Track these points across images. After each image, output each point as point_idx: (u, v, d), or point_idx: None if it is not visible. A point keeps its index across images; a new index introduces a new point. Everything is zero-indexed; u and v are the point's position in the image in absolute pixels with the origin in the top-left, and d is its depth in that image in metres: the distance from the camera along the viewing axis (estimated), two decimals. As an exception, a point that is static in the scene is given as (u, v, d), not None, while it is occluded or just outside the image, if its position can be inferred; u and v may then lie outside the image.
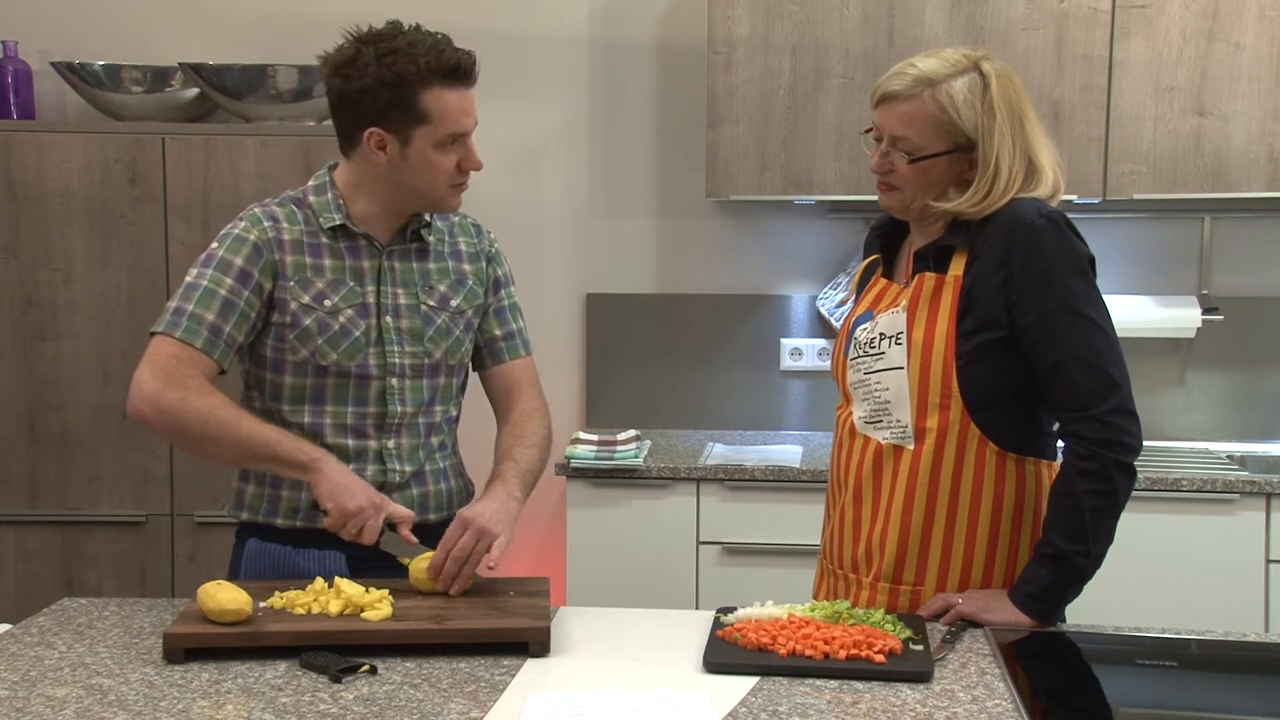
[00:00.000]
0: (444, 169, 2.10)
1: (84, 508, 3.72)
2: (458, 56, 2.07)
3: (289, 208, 2.17)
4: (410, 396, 2.18)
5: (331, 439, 2.15)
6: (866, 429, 2.09)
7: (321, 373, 2.14)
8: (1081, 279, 1.96)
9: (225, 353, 2.09)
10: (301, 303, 2.12)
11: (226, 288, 2.08)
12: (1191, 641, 1.99)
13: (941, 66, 2.00)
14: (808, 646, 1.78)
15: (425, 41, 2.06)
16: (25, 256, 3.67)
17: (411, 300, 2.18)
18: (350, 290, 2.15)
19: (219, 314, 2.07)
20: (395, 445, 2.18)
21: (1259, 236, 3.86)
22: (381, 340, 2.16)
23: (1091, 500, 1.93)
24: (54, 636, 1.94)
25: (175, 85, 3.85)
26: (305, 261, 2.14)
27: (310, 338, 2.12)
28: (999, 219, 1.98)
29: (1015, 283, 1.96)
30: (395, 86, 2.03)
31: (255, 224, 2.13)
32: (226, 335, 2.08)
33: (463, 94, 2.08)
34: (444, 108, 2.06)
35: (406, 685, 1.72)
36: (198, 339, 2.06)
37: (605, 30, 4.01)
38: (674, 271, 4.06)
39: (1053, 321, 1.94)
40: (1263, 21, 3.47)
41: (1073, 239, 1.98)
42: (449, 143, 2.09)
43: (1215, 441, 3.84)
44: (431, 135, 2.07)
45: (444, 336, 2.20)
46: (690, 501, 3.49)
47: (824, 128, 3.61)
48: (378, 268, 2.17)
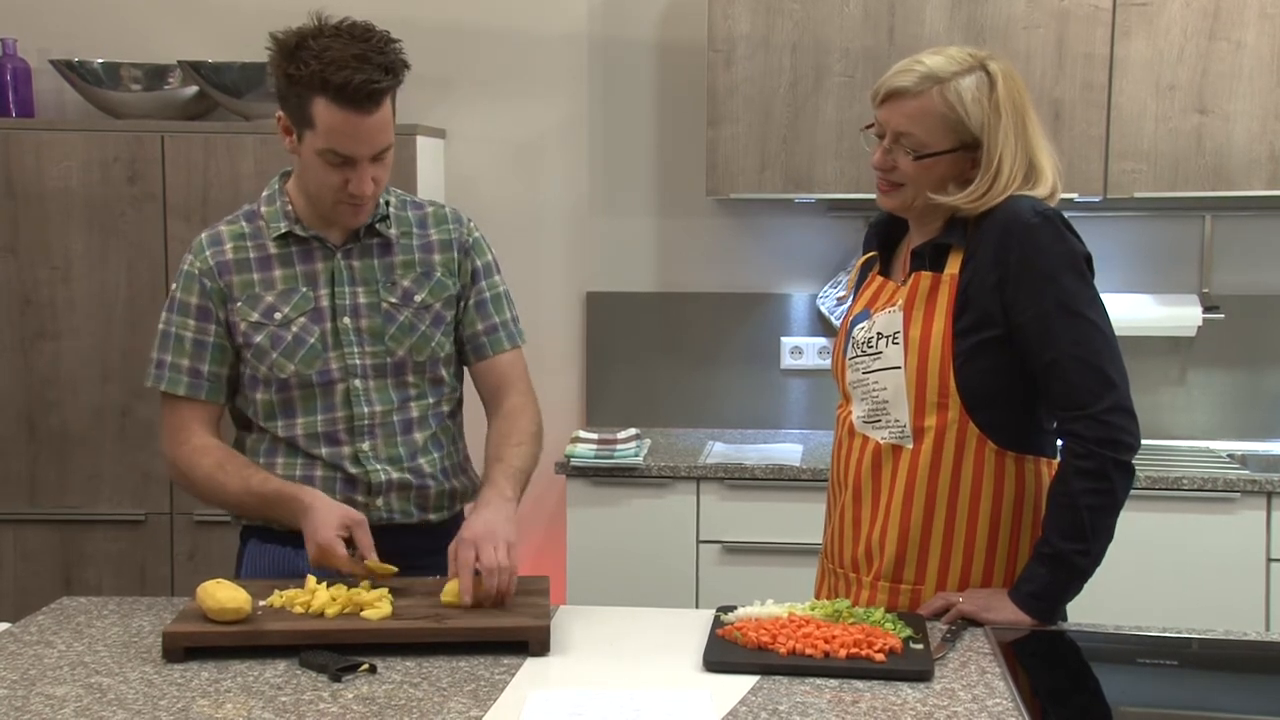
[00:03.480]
0: (327, 181, 2.06)
1: (83, 506, 3.71)
2: (350, 79, 1.96)
3: (239, 224, 2.18)
4: (377, 396, 2.16)
5: (306, 449, 2.15)
6: (865, 428, 2.09)
7: (284, 386, 2.14)
8: (1077, 277, 1.96)
9: (212, 390, 2.15)
10: (250, 321, 2.13)
11: (191, 329, 2.14)
12: (1192, 640, 1.98)
13: (949, 64, 2.00)
14: (808, 645, 1.77)
15: (334, 50, 1.97)
16: (24, 255, 3.67)
17: (372, 298, 2.16)
18: (303, 297, 2.14)
19: (192, 356, 2.14)
20: (370, 447, 2.16)
21: (1260, 235, 3.85)
22: (340, 343, 2.14)
23: (1090, 499, 1.92)
24: (53, 635, 1.94)
25: (174, 83, 3.84)
26: (253, 278, 2.14)
27: (264, 354, 2.12)
28: (995, 217, 1.98)
29: (1011, 281, 1.95)
30: (292, 82, 2.01)
31: (199, 254, 2.16)
32: (207, 374, 2.14)
33: (350, 117, 1.98)
34: (328, 123, 2.00)
35: (406, 684, 1.72)
36: (180, 386, 2.14)
37: (605, 28, 4.01)
38: (674, 270, 4.06)
39: (1049, 320, 1.94)
40: (1264, 20, 3.46)
41: (1069, 237, 1.97)
42: (334, 159, 2.03)
43: (1216, 440, 3.83)
44: (314, 143, 2.03)
45: (407, 334, 2.17)
46: (690, 500, 3.49)
47: (824, 126, 3.60)
48: (331, 269, 2.15)
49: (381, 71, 1.99)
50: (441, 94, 3.99)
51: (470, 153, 4.06)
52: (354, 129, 2.00)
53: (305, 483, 2.11)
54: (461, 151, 4.06)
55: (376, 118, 2.01)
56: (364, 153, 2.03)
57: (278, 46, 2.03)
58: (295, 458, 2.16)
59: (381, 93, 2.01)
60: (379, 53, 2.00)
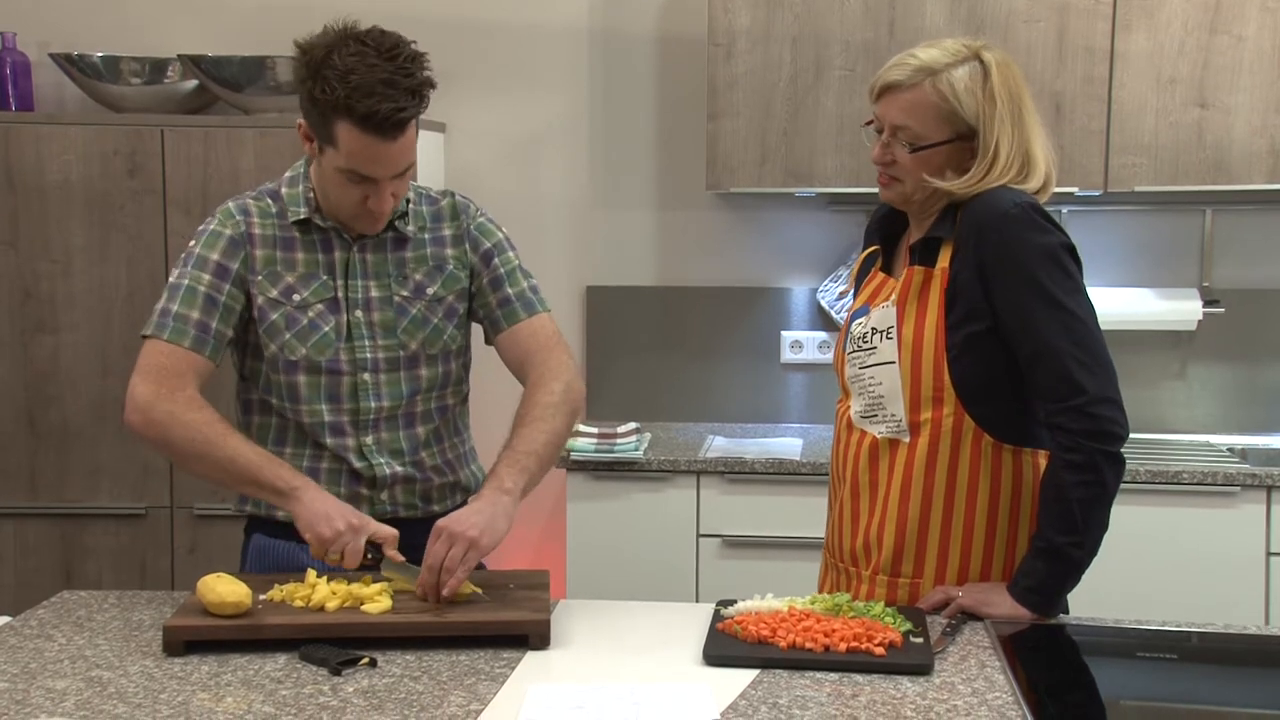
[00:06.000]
0: (348, 196, 2.05)
1: (83, 500, 3.71)
2: (377, 108, 1.92)
3: (264, 201, 2.16)
4: (386, 390, 2.15)
5: (314, 437, 2.14)
6: (863, 423, 2.09)
7: (292, 369, 2.12)
8: (1056, 267, 1.94)
9: (215, 349, 2.09)
10: (268, 297, 2.11)
11: (206, 283, 2.09)
12: (1192, 634, 1.98)
13: (942, 56, 2.00)
14: (808, 639, 1.78)
15: (359, 72, 1.93)
16: (24, 249, 3.67)
17: (384, 292, 2.15)
18: (322, 284, 2.13)
19: (203, 310, 2.08)
20: (374, 441, 2.15)
21: (1260, 229, 3.85)
22: (351, 336, 2.13)
23: (1079, 492, 1.92)
24: (53, 629, 1.94)
25: (174, 77, 3.84)
26: (276, 255, 2.12)
27: (278, 332, 2.11)
28: (972, 208, 1.98)
29: (990, 273, 1.95)
30: (315, 102, 1.98)
31: (228, 218, 2.13)
32: (214, 331, 2.09)
33: (374, 142, 1.96)
34: (351, 146, 1.98)
35: (406, 678, 1.72)
36: (185, 338, 2.07)
37: (605, 21, 4.00)
38: (674, 264, 4.06)
39: (1029, 312, 1.93)
40: (1265, 13, 3.46)
41: (1046, 227, 1.96)
42: (354, 178, 2.02)
43: (1216, 434, 3.83)
44: (335, 161, 2.02)
45: (419, 327, 2.16)
46: (690, 494, 3.49)
47: (824, 120, 3.60)
48: (346, 260, 2.15)
49: (408, 96, 1.96)
50: (441, 88, 3.87)
51: (470, 146, 4.06)
52: (377, 154, 1.98)
53: (310, 474, 2.09)
54: (461, 145, 4.05)
55: (401, 143, 1.99)
56: (385, 174, 2.01)
57: (303, 60, 1.99)
58: (303, 447, 2.16)
59: (407, 120, 1.98)
60: (406, 75, 1.96)
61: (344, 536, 1.95)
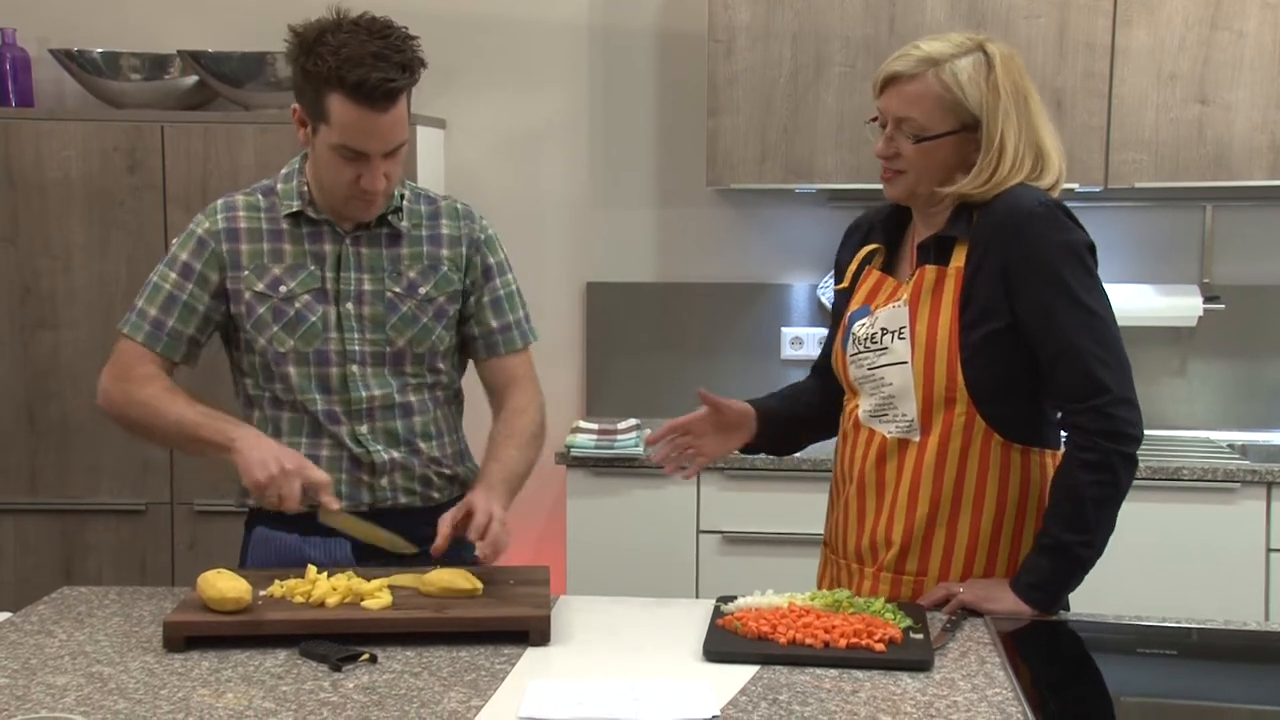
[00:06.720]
0: (340, 176, 2.07)
1: (84, 496, 3.71)
2: (366, 77, 1.96)
3: (255, 196, 2.20)
4: (375, 382, 2.17)
5: (309, 423, 2.16)
6: (871, 422, 2.08)
7: (281, 360, 2.14)
8: (1080, 267, 1.95)
9: (171, 346, 2.15)
10: (255, 290, 2.14)
11: (171, 282, 2.15)
12: (1192, 630, 1.98)
13: (946, 47, 1.99)
14: (808, 635, 1.77)
15: (350, 46, 1.97)
16: (24, 245, 3.67)
17: (377, 286, 2.16)
18: (309, 275, 2.15)
19: (162, 309, 2.15)
20: (369, 430, 2.17)
21: (1260, 225, 3.85)
22: (340, 326, 2.15)
23: (1093, 491, 1.92)
24: (54, 625, 1.94)
25: (174, 73, 3.84)
26: (263, 249, 2.15)
27: (265, 325, 2.13)
28: (996, 207, 1.97)
29: (1013, 272, 1.95)
30: (308, 77, 2.01)
31: (210, 216, 2.18)
32: (169, 329, 2.14)
33: (366, 114, 1.99)
34: (343, 120, 2.01)
35: (406, 674, 1.72)
36: (140, 334, 2.15)
37: (605, 17, 4.00)
38: (674, 260, 4.05)
39: (1052, 311, 1.93)
40: (1265, 9, 3.46)
41: (1071, 226, 1.96)
42: (347, 154, 2.04)
43: (1216, 430, 3.84)
44: (328, 138, 2.04)
45: (409, 325, 2.17)
46: (690, 490, 3.49)
47: (825, 116, 3.60)
48: (338, 253, 2.16)
49: (398, 69, 1.99)
50: (442, 84, 3.97)
51: (470, 143, 4.05)
52: (368, 126, 2.01)
53: (312, 460, 2.10)
54: (461, 142, 4.05)
55: (391, 115, 2.01)
56: (377, 149, 2.04)
57: (296, 40, 2.03)
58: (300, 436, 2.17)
59: (397, 91, 2.01)
60: (397, 50, 2.00)
61: (277, 480, 1.98)
